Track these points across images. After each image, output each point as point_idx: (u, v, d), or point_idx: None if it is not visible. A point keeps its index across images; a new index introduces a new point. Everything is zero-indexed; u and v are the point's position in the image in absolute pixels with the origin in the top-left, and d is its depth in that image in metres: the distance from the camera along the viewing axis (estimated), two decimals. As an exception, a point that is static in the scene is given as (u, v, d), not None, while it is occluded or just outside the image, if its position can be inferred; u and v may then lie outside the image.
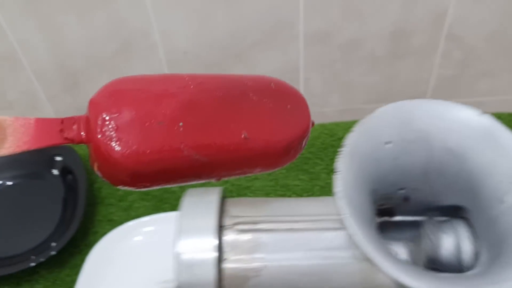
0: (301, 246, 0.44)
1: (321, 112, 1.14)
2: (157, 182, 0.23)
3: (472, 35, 1.03)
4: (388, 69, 1.10)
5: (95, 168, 0.23)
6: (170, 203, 0.74)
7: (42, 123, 0.21)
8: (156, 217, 0.65)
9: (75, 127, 0.22)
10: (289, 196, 0.73)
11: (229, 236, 0.45)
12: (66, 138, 0.21)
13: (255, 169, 0.26)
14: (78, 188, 0.72)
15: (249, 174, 0.26)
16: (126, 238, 0.64)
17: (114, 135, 0.21)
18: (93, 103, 0.22)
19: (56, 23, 0.89)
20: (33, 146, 0.20)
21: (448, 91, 1.13)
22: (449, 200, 0.49)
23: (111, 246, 0.65)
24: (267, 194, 0.76)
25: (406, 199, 0.51)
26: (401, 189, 0.49)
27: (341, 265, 0.43)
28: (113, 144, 0.21)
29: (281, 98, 0.26)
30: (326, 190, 0.76)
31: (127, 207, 0.75)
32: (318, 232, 0.45)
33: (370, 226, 0.42)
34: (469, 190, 0.46)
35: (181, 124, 0.22)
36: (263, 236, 0.45)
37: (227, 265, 0.44)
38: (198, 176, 0.23)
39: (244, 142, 0.24)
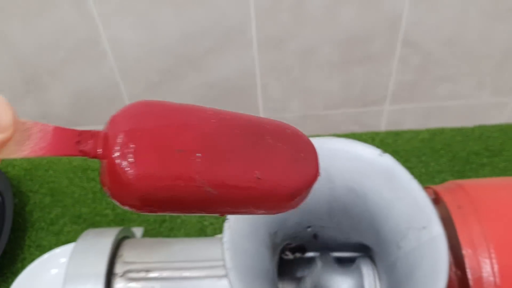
0: (194, 295, 0.43)
1: (282, 118, 1.12)
2: (164, 209, 0.23)
3: (428, 40, 1.01)
4: (346, 75, 1.08)
5: (105, 187, 0.22)
6: (101, 227, 0.72)
7: (60, 132, 0.21)
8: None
9: (91, 141, 0.22)
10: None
11: (120, 285, 0.43)
12: (81, 151, 0.21)
13: (259, 210, 0.26)
14: (5, 211, 0.70)
15: (252, 214, 0.26)
16: (46, 269, 0.62)
17: (131, 156, 0.21)
18: (114, 122, 0.22)
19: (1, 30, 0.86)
20: (48, 153, 0.21)
21: (408, 96, 1.11)
22: (356, 238, 0.47)
23: (32, 278, 0.64)
24: (201, 217, 0.74)
25: (315, 236, 0.49)
26: (308, 227, 0.48)
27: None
28: (129, 165, 0.21)
29: (295, 145, 0.27)
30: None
31: (58, 232, 0.74)
32: (212, 281, 0.43)
33: (262, 273, 0.40)
34: (373, 232, 0.45)
35: (198, 155, 0.23)
36: (156, 286, 0.43)
37: (117, 316, 0.42)
38: (205, 208, 0.24)
39: (256, 182, 0.24)
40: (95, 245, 0.45)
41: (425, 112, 0.98)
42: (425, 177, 0.75)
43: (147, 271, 0.43)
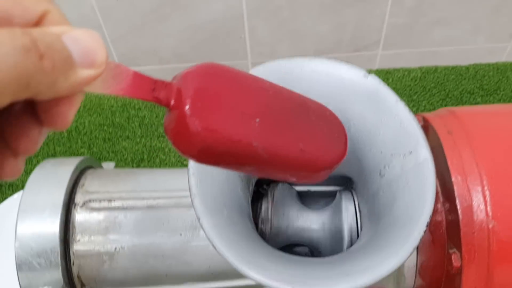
0: (160, 226, 0.39)
1: (270, 62, 1.07)
2: (219, 162, 0.25)
3: (424, -20, 0.95)
4: (337, 16, 1.03)
5: (170, 135, 0.24)
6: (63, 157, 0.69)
7: (139, 77, 0.23)
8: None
9: (164, 91, 0.23)
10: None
11: (80, 215, 0.40)
12: (155, 98, 0.23)
13: (293, 177, 0.29)
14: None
15: (286, 180, 0.29)
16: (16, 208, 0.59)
17: (201, 111, 0.23)
18: (186, 78, 0.24)
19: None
20: (126, 94, 0.22)
21: (402, 40, 1.07)
22: (338, 170, 0.44)
23: (2, 217, 0.60)
24: (181, 156, 0.71)
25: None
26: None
27: (203, 248, 0.38)
28: (198, 119, 0.23)
29: (331, 125, 0.31)
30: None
31: (31, 171, 0.70)
32: (180, 210, 0.40)
33: (232, 202, 0.37)
34: (354, 161, 0.41)
35: (257, 120, 0.25)
36: (119, 215, 0.40)
37: (77, 248, 0.39)
38: (253, 166, 0.26)
39: (299, 153, 0.27)
40: (54, 174, 0.41)
41: (419, 57, 0.94)
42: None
43: (110, 200, 0.40)
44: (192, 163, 0.35)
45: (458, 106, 0.73)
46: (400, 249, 0.31)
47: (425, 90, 0.74)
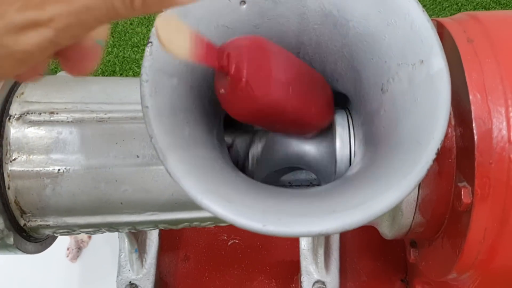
0: (112, 145, 0.33)
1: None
2: (260, 121, 0.31)
3: None
4: None
5: (224, 98, 0.28)
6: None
7: (210, 46, 0.26)
8: None
9: (227, 60, 0.27)
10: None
11: (17, 130, 0.33)
12: (221, 66, 0.26)
13: (300, 131, 0.35)
14: None
15: (295, 133, 0.35)
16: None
17: (256, 80, 0.27)
18: (244, 49, 0.27)
19: None
20: (200, 61, 0.25)
21: None
22: (331, 85, 0.36)
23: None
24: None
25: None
26: (270, 68, 0.37)
27: (165, 172, 0.32)
28: (254, 87, 0.27)
29: (326, 94, 0.34)
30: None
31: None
32: (138, 127, 0.33)
33: (197, 118, 0.30)
34: (352, 74, 0.34)
35: (291, 88, 0.29)
36: (64, 131, 0.33)
37: (12, 168, 0.33)
38: (281, 124, 0.32)
39: (311, 115, 0.32)
40: (-14, 78, 0.33)
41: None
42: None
43: (53, 112, 0.33)
44: (146, 65, 0.28)
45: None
46: (402, 180, 0.25)
47: (435, 2, 0.65)
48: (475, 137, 0.29)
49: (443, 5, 0.65)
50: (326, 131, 0.36)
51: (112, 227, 0.35)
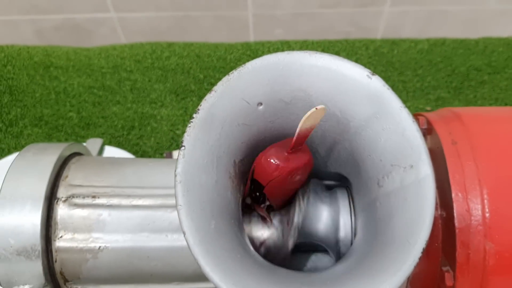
0: (145, 226, 0.38)
1: (273, 15, 1.02)
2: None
3: None
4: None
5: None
6: (64, 131, 0.66)
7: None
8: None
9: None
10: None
11: (63, 211, 0.38)
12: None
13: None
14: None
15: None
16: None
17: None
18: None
19: None
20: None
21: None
22: (334, 168, 0.42)
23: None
24: (173, 125, 0.68)
25: (289, 162, 0.44)
26: (282, 153, 0.42)
27: (186, 250, 0.37)
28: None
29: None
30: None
31: (17, 134, 0.68)
32: (165, 210, 0.38)
33: (221, 208, 0.35)
34: (352, 164, 0.39)
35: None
36: (104, 213, 0.38)
37: (59, 245, 0.38)
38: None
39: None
40: (36, 163, 0.39)
41: (427, 17, 0.89)
42: (419, 93, 0.69)
43: (94, 196, 0.38)
44: (180, 168, 0.33)
45: (463, 83, 0.70)
46: (393, 277, 0.30)
47: (431, 64, 0.71)
48: (456, 231, 0.34)
49: (438, 66, 0.71)
50: (332, 207, 0.42)
51: (142, 293, 0.40)
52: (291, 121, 0.40)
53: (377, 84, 0.36)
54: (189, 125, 0.35)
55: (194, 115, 0.36)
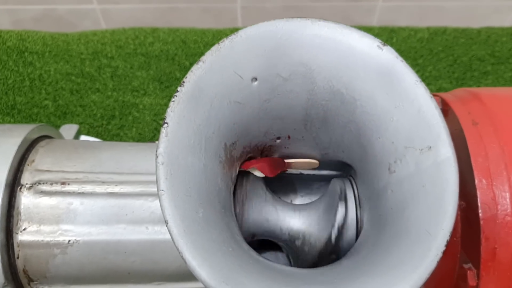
0: (122, 217, 0.33)
1: (262, 8, 0.98)
2: None
3: None
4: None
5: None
6: (39, 121, 0.61)
7: None
8: None
9: None
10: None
11: (28, 199, 0.33)
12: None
13: None
14: None
15: None
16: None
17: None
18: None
19: None
20: None
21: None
22: (336, 155, 0.37)
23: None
24: (157, 115, 0.63)
25: (287, 148, 0.39)
26: (278, 138, 0.37)
27: (173, 245, 0.32)
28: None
29: None
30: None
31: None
32: (146, 199, 0.33)
33: (210, 195, 0.31)
34: (358, 149, 0.35)
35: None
36: (75, 202, 0.33)
37: (22, 238, 0.33)
38: None
39: None
40: (-2, 146, 0.34)
41: (422, 12, 0.85)
42: (419, 84, 0.65)
43: (64, 183, 0.33)
44: (162, 147, 0.28)
45: (465, 74, 0.66)
46: (412, 273, 0.26)
47: (432, 53, 0.67)
48: (481, 222, 0.30)
49: (439, 55, 0.67)
50: (325, 202, 0.37)
51: (118, 295, 0.35)
52: (290, 101, 0.35)
53: (388, 56, 0.32)
54: (173, 99, 0.30)
55: (179, 89, 0.31)
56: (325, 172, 0.41)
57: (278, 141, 0.38)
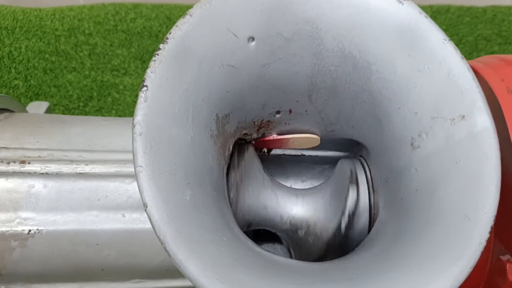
0: (94, 202, 0.28)
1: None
2: None
3: None
4: None
5: None
6: None
7: None
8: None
9: None
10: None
11: (-21, 182, 0.28)
12: None
13: None
14: None
15: None
16: None
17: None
18: None
19: None
20: None
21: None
22: (344, 131, 0.32)
23: None
24: (137, 96, 0.58)
25: (287, 124, 0.34)
26: (277, 112, 0.32)
27: (150, 235, 0.27)
28: None
29: None
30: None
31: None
32: (122, 181, 0.28)
33: (198, 175, 0.25)
34: (372, 123, 0.30)
35: None
36: (37, 184, 0.28)
37: (-28, 229, 0.27)
38: None
39: None
40: None
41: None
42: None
43: (24, 162, 0.27)
44: (140, 115, 0.23)
45: (471, 55, 0.61)
46: (451, 267, 0.21)
47: (435, 32, 0.62)
48: (522, 206, 0.25)
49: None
50: (331, 186, 0.32)
51: (90, 295, 0.30)
52: (292, 66, 0.30)
53: (410, 11, 0.27)
54: (154, 58, 0.25)
55: (161, 46, 0.26)
56: (330, 153, 0.36)
57: (277, 115, 0.33)
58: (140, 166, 0.22)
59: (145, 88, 0.24)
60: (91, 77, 0.58)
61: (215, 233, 0.23)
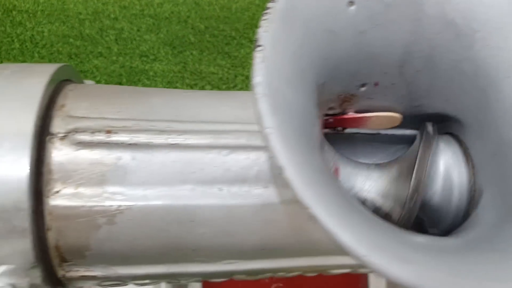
0: (189, 175, 0.25)
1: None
2: None
3: None
4: None
5: None
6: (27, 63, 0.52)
7: None
8: None
9: None
10: (202, 88, 0.52)
11: (61, 153, 0.25)
12: None
13: None
14: None
15: None
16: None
17: None
18: None
19: None
20: None
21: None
22: (434, 106, 0.31)
23: None
24: (170, 83, 0.55)
25: (370, 98, 0.32)
26: (363, 85, 0.30)
27: (255, 211, 0.25)
28: None
29: None
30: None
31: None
32: (218, 153, 0.26)
33: (311, 145, 0.23)
34: (474, 93, 0.28)
35: None
36: (124, 156, 0.26)
37: (55, 203, 0.25)
38: None
39: None
40: (18, 85, 0.26)
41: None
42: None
43: (109, 131, 0.25)
44: (260, 75, 0.21)
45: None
46: None
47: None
48: None
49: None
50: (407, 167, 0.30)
51: (174, 278, 0.28)
52: (389, 34, 0.28)
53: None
54: (265, 17, 0.23)
55: (270, 4, 0.24)
56: (408, 132, 0.34)
57: (362, 89, 0.31)
58: (269, 127, 0.20)
59: (260, 48, 0.22)
60: (119, 62, 0.55)
61: (351, 202, 0.21)
